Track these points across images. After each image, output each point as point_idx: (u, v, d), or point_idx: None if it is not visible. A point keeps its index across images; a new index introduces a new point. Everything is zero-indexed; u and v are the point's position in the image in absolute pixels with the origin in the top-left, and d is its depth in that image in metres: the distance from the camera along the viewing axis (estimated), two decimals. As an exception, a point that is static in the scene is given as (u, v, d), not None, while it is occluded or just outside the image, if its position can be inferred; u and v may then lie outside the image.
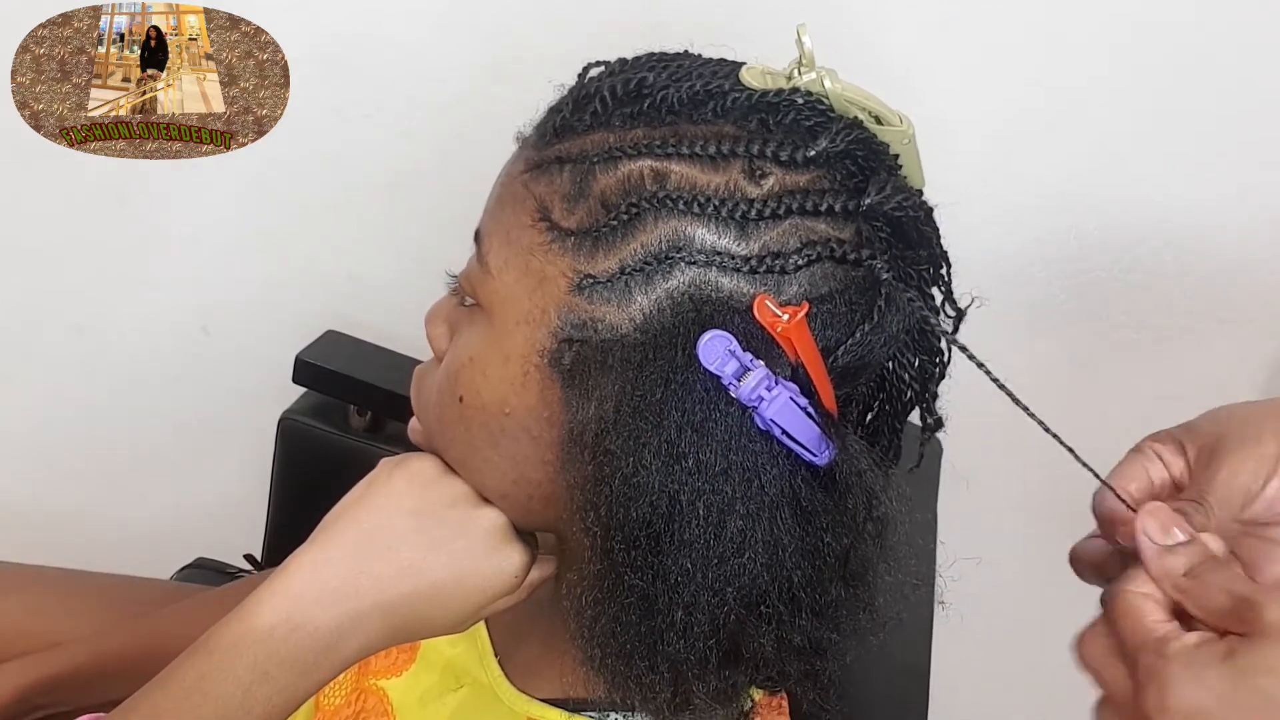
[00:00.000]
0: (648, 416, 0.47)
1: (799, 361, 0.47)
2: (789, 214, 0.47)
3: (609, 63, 0.52)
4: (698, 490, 0.47)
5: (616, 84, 0.49)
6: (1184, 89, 0.94)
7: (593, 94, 0.50)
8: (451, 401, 0.53)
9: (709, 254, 0.47)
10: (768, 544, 0.48)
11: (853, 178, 0.49)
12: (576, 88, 0.52)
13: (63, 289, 1.20)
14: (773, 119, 0.48)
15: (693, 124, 0.48)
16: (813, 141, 0.48)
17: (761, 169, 0.47)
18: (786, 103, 0.48)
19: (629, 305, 0.48)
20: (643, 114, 0.49)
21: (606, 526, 0.48)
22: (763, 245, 0.47)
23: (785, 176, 0.48)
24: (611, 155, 0.48)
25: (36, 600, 0.77)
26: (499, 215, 0.52)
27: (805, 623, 0.50)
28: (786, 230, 0.47)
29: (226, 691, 0.50)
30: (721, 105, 0.48)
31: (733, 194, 0.47)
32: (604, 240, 0.48)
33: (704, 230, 0.47)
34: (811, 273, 0.48)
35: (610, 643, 0.50)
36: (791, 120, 0.48)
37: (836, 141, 0.48)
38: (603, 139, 0.49)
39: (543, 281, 0.49)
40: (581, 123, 0.50)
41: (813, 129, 0.48)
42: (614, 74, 0.51)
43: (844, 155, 0.48)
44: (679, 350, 0.47)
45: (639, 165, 0.48)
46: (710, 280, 0.47)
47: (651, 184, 0.47)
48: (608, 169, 0.48)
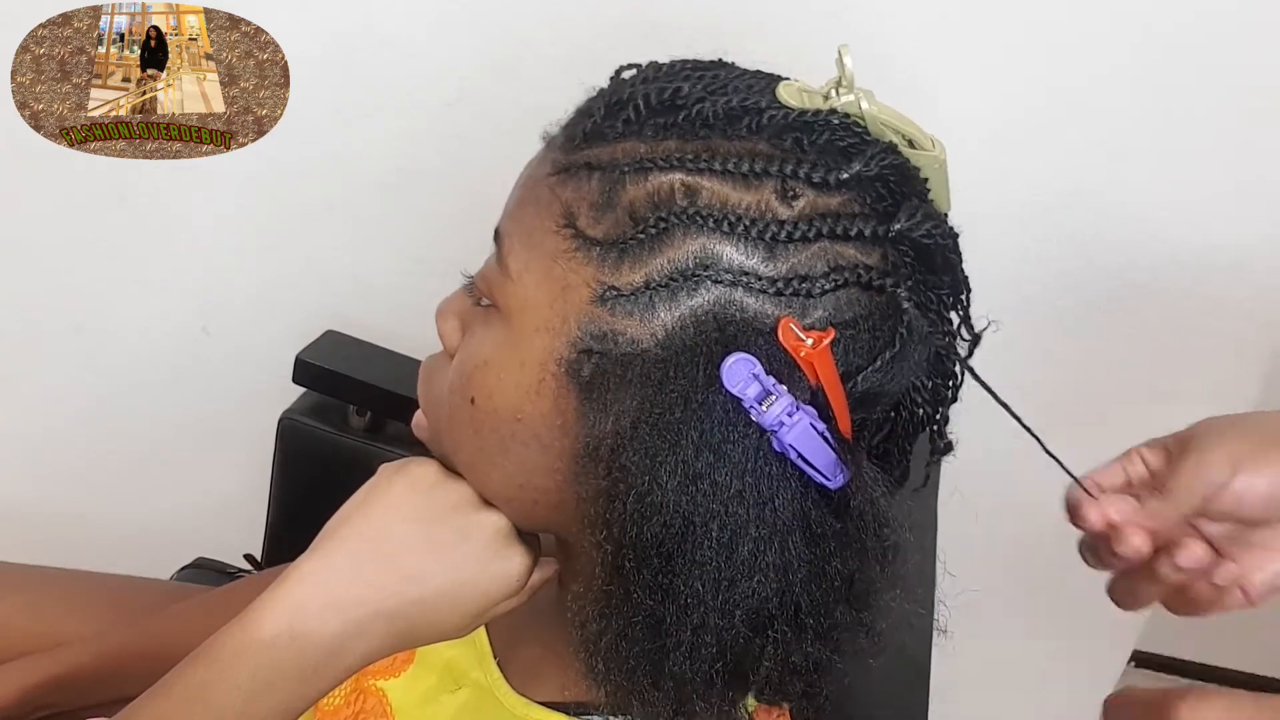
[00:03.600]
0: (665, 435, 0.46)
1: (819, 386, 0.47)
2: (819, 237, 0.46)
3: (642, 65, 0.52)
4: (712, 512, 0.47)
5: (651, 92, 0.48)
6: (1184, 88, 0.94)
7: (626, 100, 0.49)
8: (463, 402, 0.52)
9: (736, 274, 0.46)
10: (778, 567, 0.48)
11: (883, 202, 0.48)
12: (609, 91, 0.51)
13: (63, 289, 1.20)
14: (808, 139, 0.48)
15: (727, 140, 0.48)
16: (847, 164, 0.47)
17: (794, 190, 0.47)
18: (822, 123, 0.48)
19: (652, 320, 0.47)
20: (676, 126, 0.48)
21: (618, 543, 0.48)
22: (790, 268, 0.46)
23: (817, 199, 0.47)
24: (643, 166, 0.47)
25: (37, 600, 0.77)
26: (521, 217, 0.51)
27: (809, 645, 0.50)
28: (815, 254, 0.47)
29: (228, 700, 0.49)
30: (757, 122, 0.47)
31: (763, 214, 0.46)
32: (630, 252, 0.47)
33: (732, 249, 0.46)
34: (837, 298, 0.47)
35: (614, 657, 0.50)
36: (826, 141, 0.48)
37: (870, 165, 0.47)
38: (634, 148, 0.48)
39: (565, 290, 0.48)
40: (613, 129, 0.49)
41: (847, 151, 0.48)
42: (648, 81, 0.50)
43: (876, 179, 0.48)
44: (700, 370, 0.46)
45: (670, 178, 0.47)
46: (735, 300, 0.46)
47: (682, 199, 0.47)
48: (638, 180, 0.47)
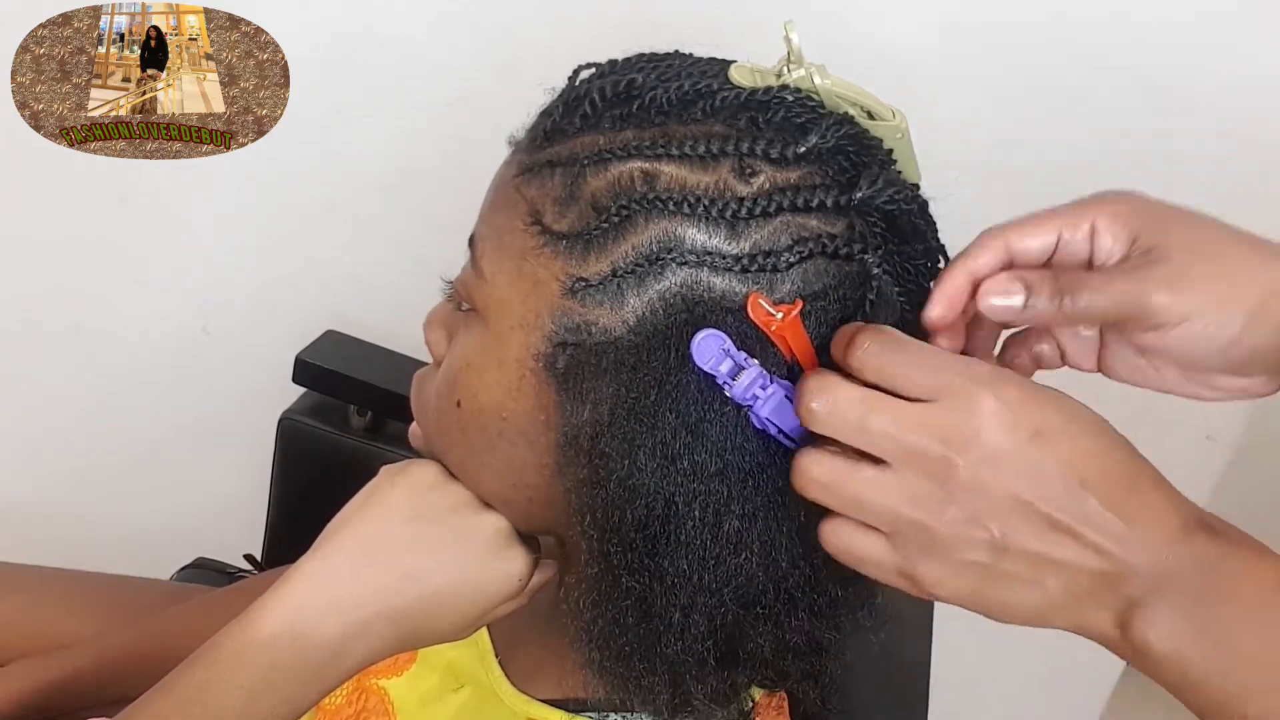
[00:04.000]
0: (642, 418, 0.47)
1: (793, 359, 0.47)
2: (779, 211, 0.47)
3: (600, 65, 0.52)
4: (693, 491, 0.47)
5: (606, 85, 0.49)
6: (1184, 88, 0.94)
7: (582, 96, 0.49)
8: (449, 406, 0.53)
9: (700, 254, 0.46)
10: (763, 543, 0.48)
11: (844, 173, 0.48)
12: (567, 90, 0.51)
13: (63, 289, 1.20)
14: (762, 117, 0.48)
15: (682, 124, 0.48)
16: (803, 138, 0.47)
17: (751, 167, 0.47)
18: (776, 100, 0.48)
19: (622, 307, 0.47)
20: (632, 115, 0.48)
21: (603, 529, 0.48)
22: (754, 244, 0.47)
23: (775, 174, 0.47)
24: (601, 157, 0.48)
25: (36, 600, 0.77)
26: (492, 220, 0.52)
27: (803, 622, 0.50)
28: (777, 228, 0.47)
29: (228, 701, 0.50)
30: (710, 104, 0.48)
31: (722, 193, 0.47)
32: (595, 243, 0.47)
33: (694, 230, 0.47)
34: (804, 270, 0.47)
35: (609, 645, 0.50)
36: (781, 117, 0.48)
37: (827, 137, 0.48)
38: (593, 141, 0.49)
39: (536, 285, 0.49)
40: (572, 125, 0.49)
41: (803, 125, 0.48)
42: (603, 75, 0.50)
43: (835, 151, 0.48)
44: (672, 351, 0.47)
45: (629, 167, 0.47)
46: (702, 280, 0.47)
47: (641, 185, 0.47)
48: (598, 171, 0.48)
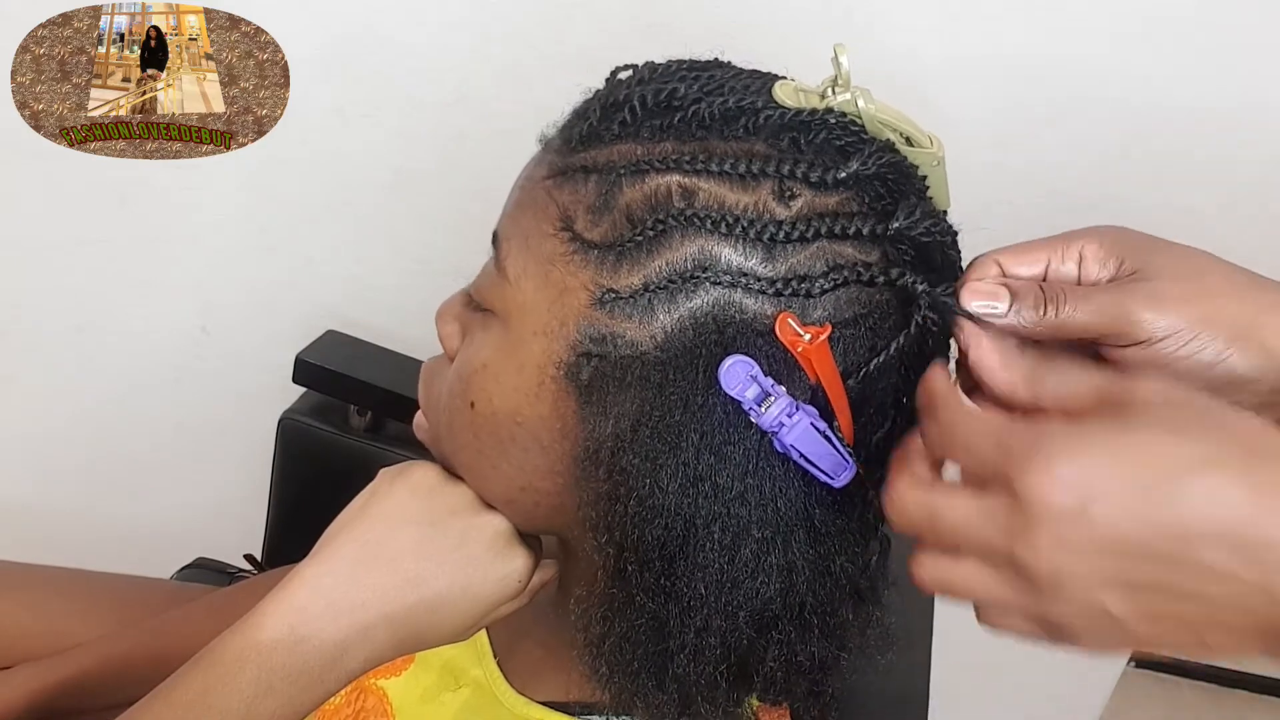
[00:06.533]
0: (666, 437, 0.46)
1: (818, 383, 0.47)
2: (817, 237, 0.46)
3: (637, 66, 0.51)
4: (714, 513, 0.47)
5: (647, 93, 0.48)
6: (1184, 88, 0.94)
7: (621, 102, 0.48)
8: (462, 406, 0.52)
9: (734, 275, 0.46)
10: (782, 568, 0.48)
11: (881, 200, 0.48)
12: (604, 93, 0.50)
13: (63, 289, 1.20)
14: (804, 139, 0.47)
15: (723, 140, 0.47)
16: (844, 163, 0.47)
17: (791, 190, 0.46)
18: (819, 122, 0.47)
19: (651, 323, 0.47)
20: (673, 127, 0.47)
21: (620, 546, 0.48)
22: (789, 268, 0.46)
23: (815, 198, 0.47)
24: (639, 168, 0.47)
25: (38, 599, 0.77)
26: (519, 220, 0.50)
27: (815, 644, 0.50)
28: (814, 253, 0.46)
29: (230, 705, 0.49)
30: (754, 123, 0.47)
31: (761, 215, 0.46)
32: (628, 255, 0.47)
33: (730, 251, 0.46)
34: (836, 297, 0.47)
35: (618, 660, 0.50)
36: (823, 140, 0.47)
37: (868, 164, 0.47)
38: (630, 150, 0.48)
39: (563, 293, 0.48)
40: (609, 131, 0.48)
41: (844, 150, 0.47)
42: (644, 82, 0.49)
43: (874, 178, 0.48)
44: (700, 372, 0.46)
45: (667, 180, 0.47)
46: (734, 301, 0.46)
47: (679, 200, 0.46)
48: (634, 182, 0.47)
